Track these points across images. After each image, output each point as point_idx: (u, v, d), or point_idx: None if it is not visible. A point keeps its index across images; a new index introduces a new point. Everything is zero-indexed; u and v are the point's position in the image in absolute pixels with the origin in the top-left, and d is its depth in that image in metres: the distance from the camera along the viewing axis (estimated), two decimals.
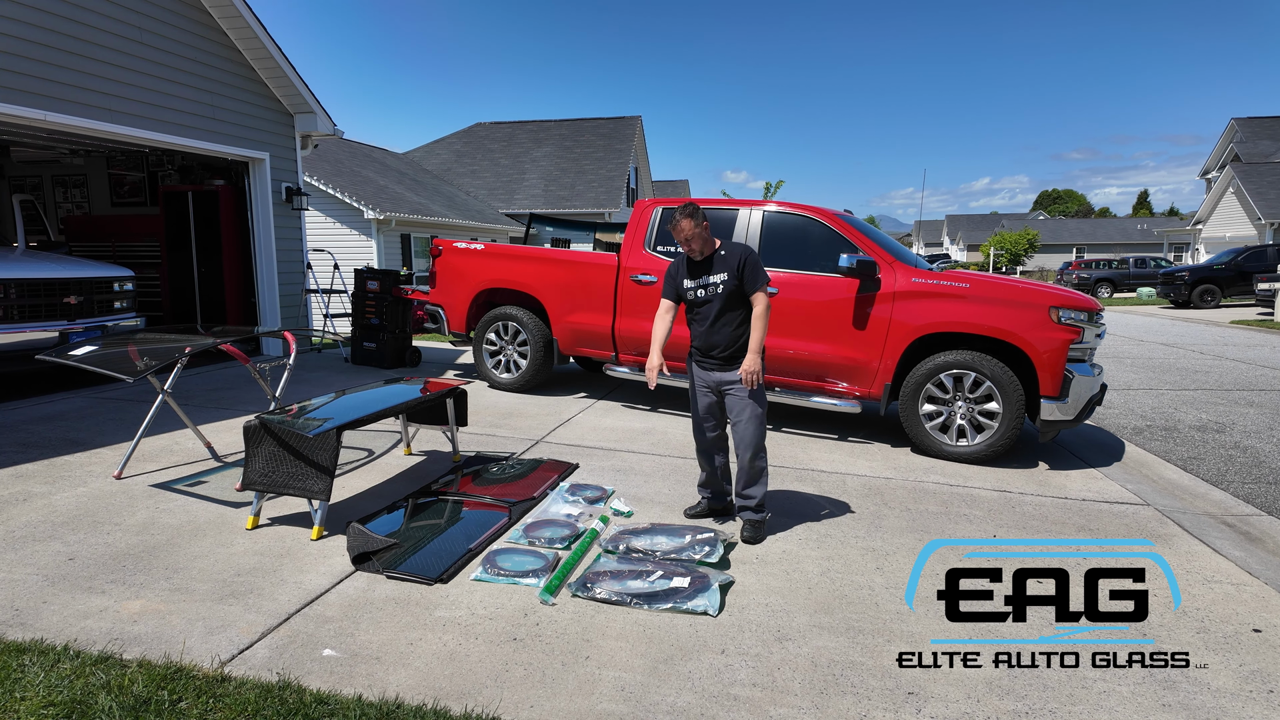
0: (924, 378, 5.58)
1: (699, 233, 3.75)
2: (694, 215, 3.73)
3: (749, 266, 3.74)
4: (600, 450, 5.40)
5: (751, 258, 3.76)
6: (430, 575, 3.20)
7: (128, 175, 9.65)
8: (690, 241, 3.78)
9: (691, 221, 3.72)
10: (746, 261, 3.75)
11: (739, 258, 3.76)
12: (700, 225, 3.75)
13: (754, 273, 3.74)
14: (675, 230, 3.76)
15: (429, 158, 26.86)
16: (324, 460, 3.57)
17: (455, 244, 7.55)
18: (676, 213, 3.77)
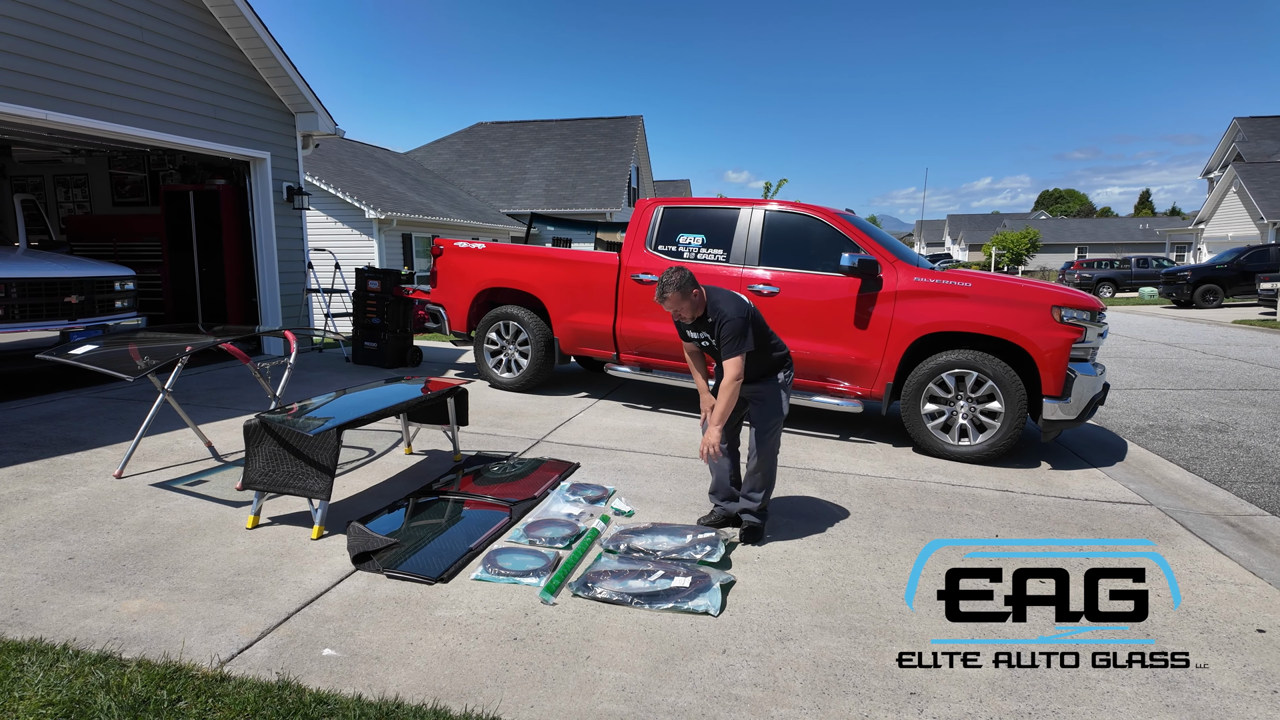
0: (926, 377, 5.57)
1: (688, 305, 3.60)
2: (683, 288, 3.53)
3: (722, 337, 3.57)
4: (601, 450, 5.39)
5: (726, 328, 3.54)
6: (430, 575, 3.19)
7: (129, 175, 9.65)
8: (680, 314, 3.65)
9: (679, 295, 3.54)
10: (720, 330, 3.57)
11: (717, 324, 3.59)
12: (690, 297, 3.57)
13: (727, 345, 3.55)
14: (662, 300, 3.60)
15: (430, 158, 26.87)
16: (324, 459, 3.56)
17: (456, 243, 7.55)
18: (666, 284, 3.57)
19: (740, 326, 3.57)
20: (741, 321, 3.58)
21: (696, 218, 6.54)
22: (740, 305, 3.64)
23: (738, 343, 3.55)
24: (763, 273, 6.11)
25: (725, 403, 3.56)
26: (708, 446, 3.56)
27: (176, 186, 8.91)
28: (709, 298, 3.69)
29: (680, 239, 6.51)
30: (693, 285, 3.62)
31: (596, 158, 25.59)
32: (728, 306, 3.61)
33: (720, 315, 3.60)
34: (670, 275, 3.60)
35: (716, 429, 3.58)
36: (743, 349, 3.57)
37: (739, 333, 3.56)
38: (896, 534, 4.00)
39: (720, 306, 3.63)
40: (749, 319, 3.62)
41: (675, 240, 6.53)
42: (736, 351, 3.56)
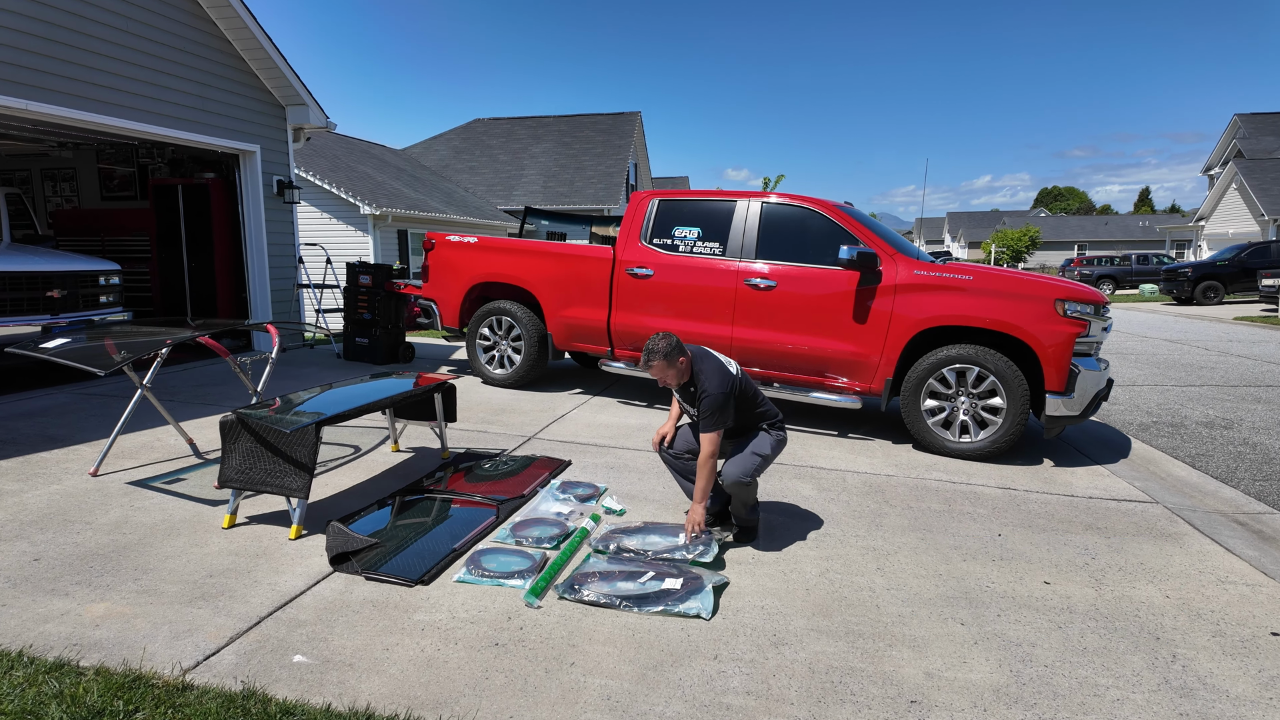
0: (926, 373, 5.44)
1: (673, 372, 3.49)
2: (668, 357, 3.44)
3: (701, 411, 3.44)
4: (594, 447, 5.26)
5: (706, 403, 3.41)
6: (411, 576, 3.06)
7: (117, 169, 9.51)
8: (665, 381, 3.55)
9: (665, 363, 3.44)
10: (700, 403, 3.44)
11: (699, 396, 3.46)
12: (674, 365, 3.46)
13: (705, 420, 3.43)
14: (647, 368, 3.53)
15: (427, 154, 26.72)
16: (302, 457, 3.43)
17: (448, 237, 7.41)
18: (652, 351, 3.48)
19: (720, 402, 3.44)
20: (722, 398, 3.45)
21: (692, 210, 6.41)
22: (724, 379, 3.50)
23: (716, 418, 3.44)
24: (760, 266, 5.99)
25: (705, 480, 3.47)
26: (694, 526, 3.48)
27: (165, 180, 8.76)
28: (695, 366, 3.57)
29: (676, 232, 6.38)
30: (679, 353, 3.52)
31: (594, 154, 25.44)
32: (710, 381, 3.47)
33: (702, 389, 3.48)
34: (656, 342, 3.50)
35: (701, 507, 3.49)
36: (720, 426, 3.46)
37: (718, 408, 3.44)
38: (896, 533, 3.88)
39: (704, 379, 3.50)
40: (731, 393, 3.51)
41: (671, 233, 6.40)
42: (714, 428, 3.45)
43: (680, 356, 3.51)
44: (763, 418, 3.70)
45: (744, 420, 3.66)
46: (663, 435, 3.78)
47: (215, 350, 4.17)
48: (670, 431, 3.78)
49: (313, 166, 16.20)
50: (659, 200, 6.55)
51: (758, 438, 3.63)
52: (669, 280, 6.30)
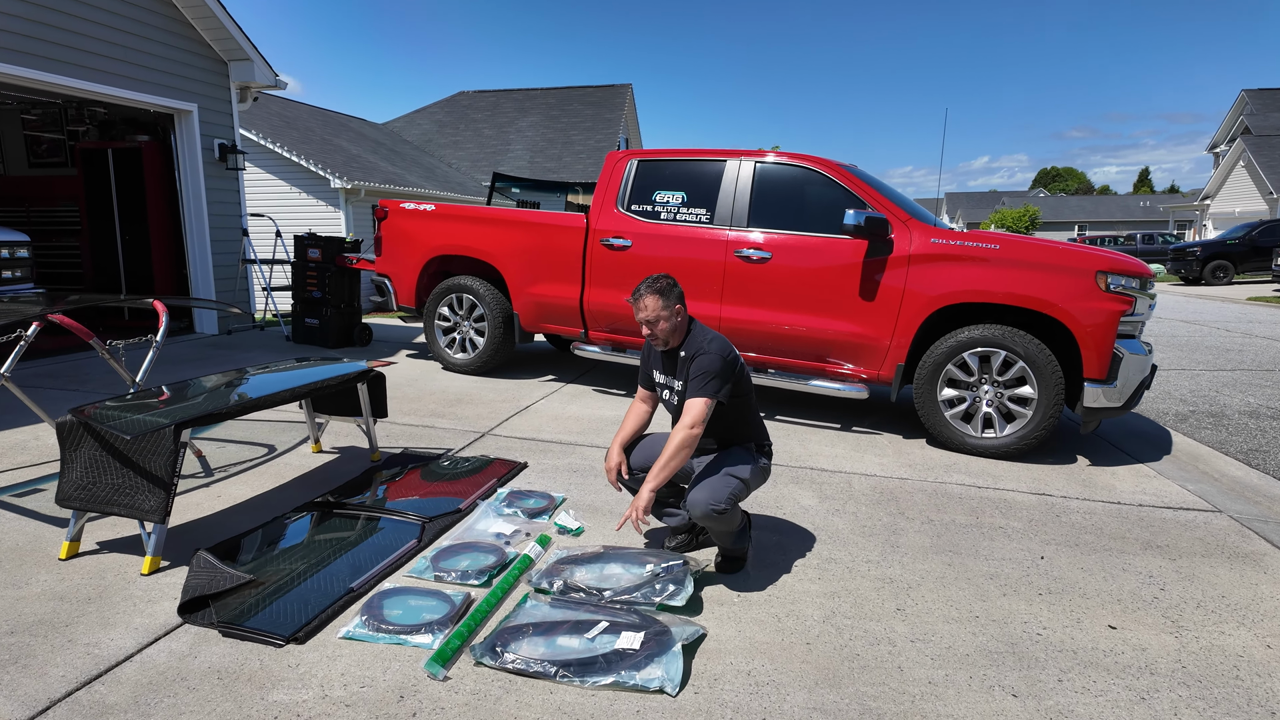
0: (944, 357, 4.68)
1: (666, 317, 2.79)
2: (664, 294, 2.77)
3: (692, 372, 2.76)
4: (558, 445, 4.50)
5: (700, 361, 2.75)
6: (282, 632, 2.30)
7: (44, 134, 8.65)
8: (654, 325, 2.81)
9: (660, 301, 2.77)
10: (693, 364, 2.77)
11: (690, 359, 2.79)
12: (671, 309, 2.79)
13: (696, 380, 2.74)
14: (637, 302, 2.80)
15: (409, 128, 25.68)
16: (157, 469, 2.66)
17: (402, 205, 6.60)
18: (644, 285, 2.80)
19: (719, 367, 2.74)
20: (722, 362, 2.75)
21: (676, 172, 5.61)
22: (726, 345, 2.83)
23: (712, 383, 2.72)
24: (753, 235, 5.20)
25: (671, 453, 2.67)
26: (636, 513, 2.65)
27: (93, 144, 7.90)
28: (692, 328, 2.88)
29: (657, 197, 5.58)
30: (678, 299, 2.83)
31: (584, 128, 24.44)
32: (711, 343, 2.80)
33: (697, 349, 2.79)
34: (654, 279, 2.83)
35: (650, 491, 2.66)
36: (715, 391, 2.73)
37: (715, 373, 2.73)
38: (917, 556, 3.13)
39: (700, 340, 2.83)
40: (733, 364, 2.81)
41: (651, 199, 5.60)
42: (706, 392, 2.72)
43: (678, 303, 2.82)
44: (750, 435, 2.96)
45: (730, 424, 2.90)
46: (618, 465, 2.94)
47: (75, 331, 3.38)
48: (621, 461, 2.95)
49: (281, 137, 15.28)
50: (638, 161, 5.74)
51: (737, 456, 2.87)
52: (649, 252, 5.51)
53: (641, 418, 3.06)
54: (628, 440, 3.00)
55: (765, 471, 2.94)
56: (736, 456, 2.85)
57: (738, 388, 2.84)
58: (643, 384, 3.11)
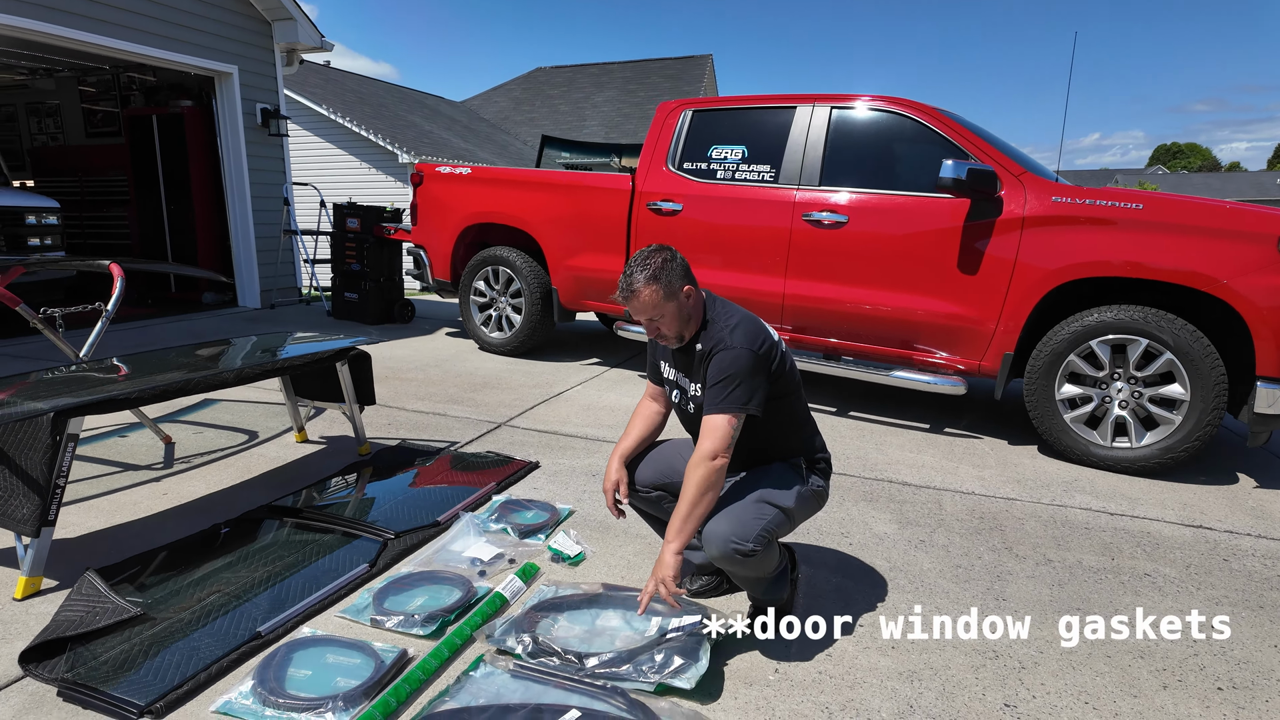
0: (1065, 346, 3.73)
1: (671, 309, 2.01)
2: (659, 278, 1.98)
3: (710, 375, 1.98)
4: (581, 441, 3.81)
5: (721, 362, 1.96)
6: (138, 700, 1.70)
7: (100, 104, 8.55)
8: (658, 324, 2.05)
9: (656, 291, 1.98)
10: (711, 363, 1.99)
11: (708, 357, 2.01)
12: (676, 296, 2.00)
13: (716, 390, 1.95)
14: (627, 297, 2.03)
15: (486, 106, 25.47)
16: (32, 468, 2.11)
17: (438, 168, 6.02)
18: (633, 267, 2.02)
19: (747, 364, 1.94)
20: (751, 357, 1.95)
21: (736, 123, 4.79)
22: (756, 334, 2.01)
23: (737, 391, 1.93)
24: (826, 195, 4.34)
25: (693, 499, 1.89)
26: (663, 587, 1.89)
27: (138, 110, 7.68)
28: (710, 312, 2.08)
29: (713, 153, 4.78)
30: (683, 279, 2.03)
31: (661, 101, 23.65)
32: (736, 331, 1.99)
33: (717, 341, 1.99)
34: (643, 255, 2.04)
35: (675, 555, 1.90)
36: (742, 402, 1.93)
37: (744, 375, 1.93)
38: (1033, 616, 2.28)
39: (720, 327, 2.02)
40: (768, 357, 2.00)
41: (706, 155, 4.80)
42: (731, 405, 1.93)
43: (686, 284, 2.02)
44: (797, 447, 2.16)
45: (768, 436, 2.11)
46: (616, 484, 2.20)
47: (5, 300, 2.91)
48: (621, 478, 2.21)
49: (353, 112, 15.20)
50: (693, 111, 4.94)
51: (778, 475, 2.08)
52: (702, 217, 4.73)
53: (650, 421, 2.32)
54: (632, 450, 2.27)
55: (819, 497, 2.14)
56: (777, 475, 2.07)
57: (778, 387, 2.05)
58: (651, 377, 2.36)
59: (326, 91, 16.02)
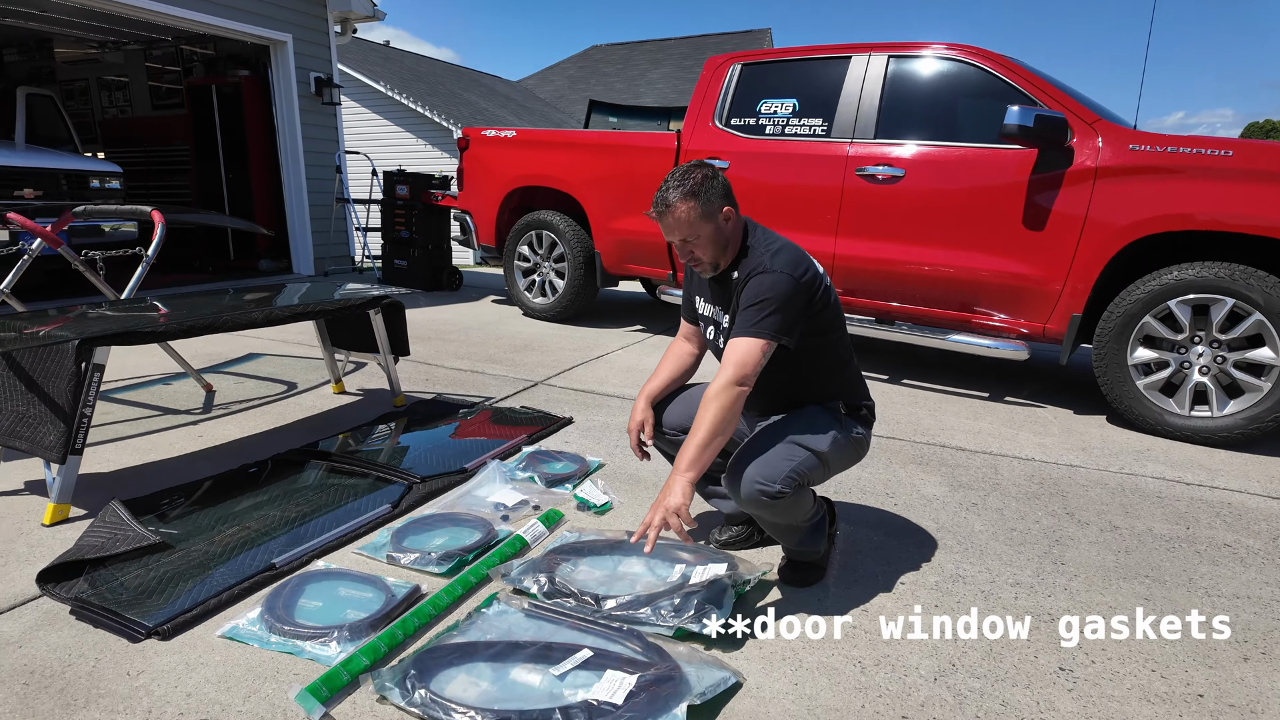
0: (1140, 306, 3.45)
1: (708, 232, 1.86)
2: (698, 195, 1.82)
3: (743, 300, 1.83)
4: (617, 400, 3.72)
5: (757, 286, 1.81)
6: (146, 622, 1.67)
7: (164, 78, 8.78)
8: (691, 247, 1.90)
9: (693, 207, 1.82)
10: (747, 287, 1.83)
11: (744, 284, 1.85)
12: (714, 217, 1.85)
13: (747, 315, 1.80)
14: (661, 212, 1.87)
15: (542, 85, 25.45)
16: (59, 396, 2.12)
17: (483, 132, 5.97)
18: (666, 183, 1.86)
19: (786, 290, 1.79)
20: (791, 283, 1.79)
21: (787, 75, 4.59)
22: (798, 262, 1.86)
23: (771, 317, 1.78)
24: (881, 148, 4.11)
25: (709, 425, 1.75)
26: (669, 515, 1.74)
27: (198, 81, 7.87)
28: (750, 238, 1.93)
29: (762, 108, 4.58)
30: (723, 199, 1.87)
31: None
32: (778, 256, 1.84)
33: (756, 265, 1.84)
34: (683, 170, 1.87)
35: (687, 483, 1.76)
36: (775, 329, 1.78)
37: (780, 300, 1.78)
38: (1094, 581, 2.09)
39: (760, 253, 1.86)
40: (810, 287, 1.84)
41: (755, 110, 4.61)
42: (763, 330, 1.78)
43: (726, 205, 1.87)
44: (838, 392, 1.99)
45: (805, 379, 1.96)
46: (641, 424, 2.08)
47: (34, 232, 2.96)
48: (647, 418, 2.09)
49: (410, 89, 15.35)
50: (742, 65, 4.75)
51: (812, 417, 1.92)
52: (749, 174, 4.55)
53: (681, 362, 2.19)
54: (660, 392, 2.14)
55: (858, 446, 1.98)
56: (811, 418, 1.92)
57: (818, 322, 1.90)
58: (685, 315, 2.23)
59: (385, 69, 16.22)
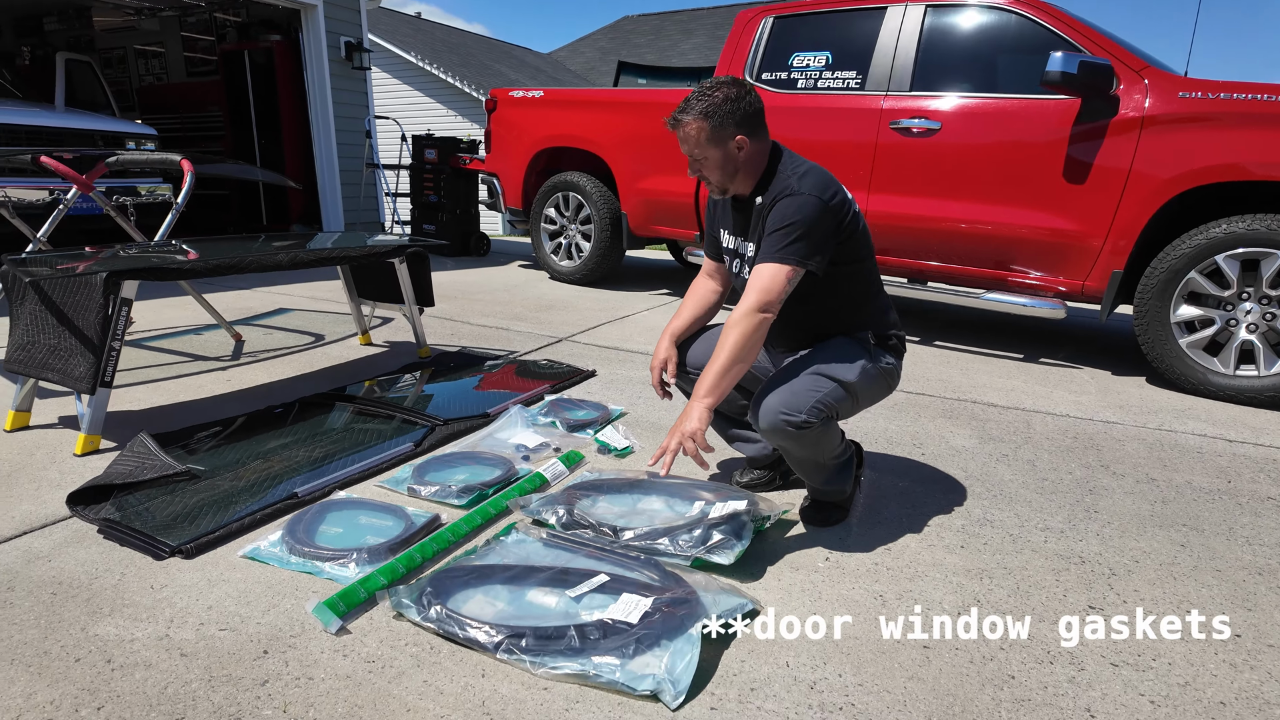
0: (1185, 262, 3.32)
1: (722, 157, 1.78)
2: (708, 115, 1.73)
3: (770, 225, 1.74)
4: (642, 356, 3.69)
5: (783, 210, 1.72)
6: (170, 541, 1.70)
7: (198, 47, 8.86)
8: (701, 166, 1.82)
9: (700, 125, 1.75)
10: (773, 212, 1.75)
11: (769, 209, 1.76)
12: (726, 128, 1.75)
13: (774, 239, 1.73)
14: (678, 122, 1.79)
15: (573, 57, 25.23)
16: (88, 328, 2.15)
17: (511, 93, 5.92)
18: (690, 100, 1.76)
19: (813, 212, 1.71)
20: (818, 205, 1.71)
21: (821, 27, 4.47)
22: (829, 185, 1.77)
23: (797, 243, 1.71)
24: (917, 101, 4.00)
25: (730, 351, 1.71)
26: (685, 441, 1.72)
27: (232, 46, 7.94)
28: (773, 162, 1.84)
29: (794, 61, 4.48)
30: (739, 125, 1.77)
31: None
32: (805, 179, 1.75)
33: (782, 189, 1.75)
34: (711, 84, 1.78)
35: (705, 409, 1.73)
36: (801, 254, 1.71)
37: (806, 223, 1.70)
38: (1128, 528, 2.03)
39: (787, 176, 1.77)
40: (838, 211, 1.76)
41: (787, 63, 4.51)
42: (789, 256, 1.71)
43: (740, 133, 1.77)
44: (867, 322, 1.93)
45: (832, 309, 1.91)
46: (664, 362, 2.04)
47: (64, 175, 3.00)
48: (671, 357, 2.04)
49: (441, 60, 15.35)
50: (774, 18, 4.64)
51: (839, 348, 1.87)
52: (780, 129, 4.21)
53: (705, 300, 2.14)
54: (684, 330, 2.10)
55: (888, 377, 1.93)
56: (838, 348, 1.87)
57: (847, 250, 1.84)
58: (708, 251, 2.17)
59: (415, 40, 16.22)
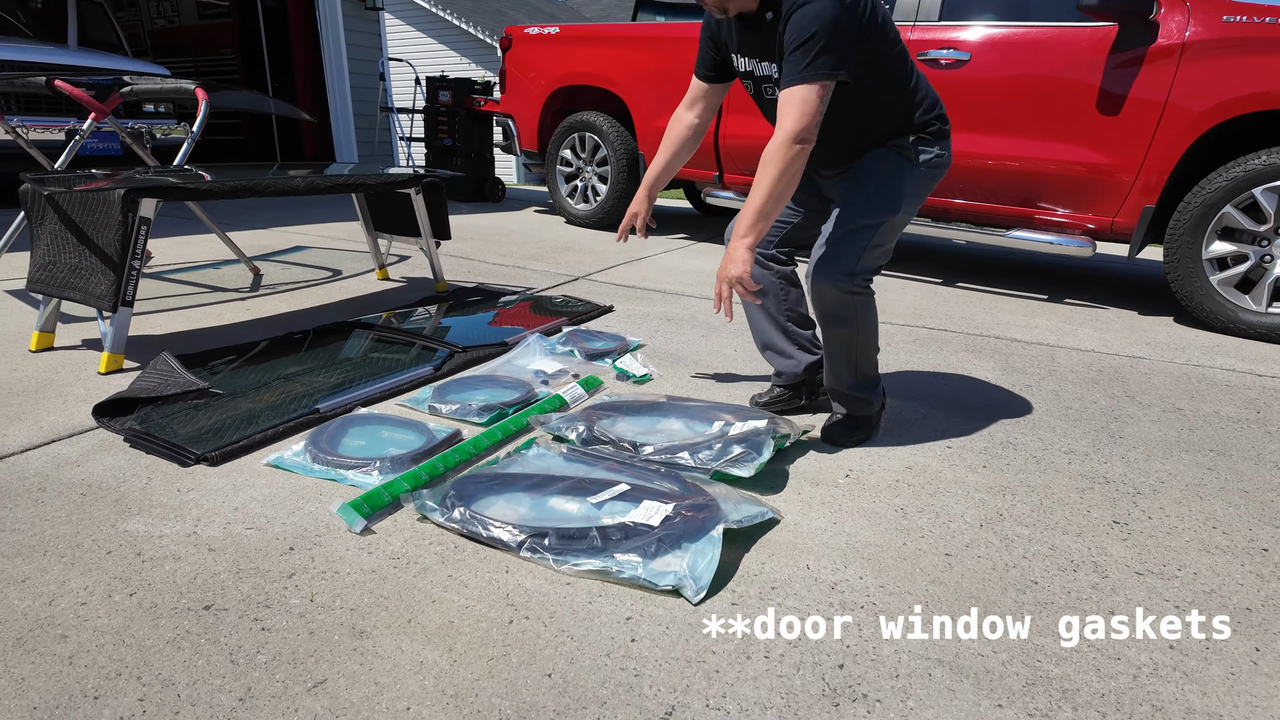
0: (1220, 196, 3.23)
1: None
2: None
3: (789, 39, 1.58)
4: (659, 294, 3.65)
5: (800, 20, 1.56)
6: (194, 449, 1.71)
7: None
8: None
9: None
10: (787, 29, 1.59)
11: (785, 21, 1.60)
12: None
13: (797, 57, 1.57)
14: None
15: (590, 4, 24.66)
16: (108, 247, 2.15)
17: (526, 30, 5.79)
18: None
19: (833, 14, 1.55)
20: (835, 6, 1.55)
21: None
22: None
23: (822, 56, 1.55)
24: (945, 31, 3.87)
25: (766, 190, 1.63)
26: (733, 284, 1.67)
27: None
28: None
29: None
30: None
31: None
32: None
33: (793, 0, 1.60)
34: None
35: (747, 249, 1.66)
36: (830, 66, 1.56)
37: (828, 26, 1.54)
38: (1154, 453, 2.00)
39: None
40: (857, 6, 1.60)
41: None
42: (816, 73, 1.56)
43: None
44: (906, 121, 1.78)
45: (870, 109, 1.75)
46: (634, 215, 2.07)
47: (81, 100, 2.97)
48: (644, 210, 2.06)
49: (454, 5, 15.04)
50: None
51: (881, 175, 1.78)
52: None
53: (680, 137, 2.00)
54: (661, 177, 2.05)
55: (936, 169, 1.82)
56: (879, 175, 1.78)
57: (873, 46, 1.66)
58: (698, 70, 1.96)
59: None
